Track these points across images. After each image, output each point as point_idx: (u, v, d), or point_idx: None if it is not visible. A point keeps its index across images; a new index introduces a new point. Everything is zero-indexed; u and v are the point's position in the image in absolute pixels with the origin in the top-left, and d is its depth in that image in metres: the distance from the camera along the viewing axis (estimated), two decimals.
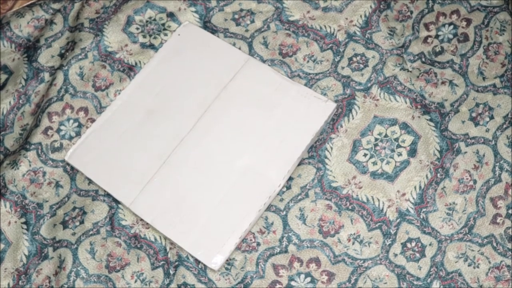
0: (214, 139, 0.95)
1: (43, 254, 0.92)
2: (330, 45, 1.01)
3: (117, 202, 0.94)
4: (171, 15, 1.06)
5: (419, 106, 0.95)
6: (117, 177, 0.94)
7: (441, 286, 0.86)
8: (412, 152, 0.92)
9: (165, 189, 0.92)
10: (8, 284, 0.91)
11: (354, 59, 1.00)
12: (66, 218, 0.94)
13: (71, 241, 0.92)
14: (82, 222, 0.93)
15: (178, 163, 0.94)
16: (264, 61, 1.01)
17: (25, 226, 0.94)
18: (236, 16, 1.05)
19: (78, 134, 0.99)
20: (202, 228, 0.89)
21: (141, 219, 0.92)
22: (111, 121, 0.98)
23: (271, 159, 0.92)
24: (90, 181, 0.96)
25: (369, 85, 0.97)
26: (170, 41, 1.03)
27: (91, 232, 0.92)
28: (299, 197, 0.92)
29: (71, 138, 0.99)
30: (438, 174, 0.91)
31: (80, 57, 1.03)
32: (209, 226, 0.89)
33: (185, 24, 1.04)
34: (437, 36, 1.00)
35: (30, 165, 0.96)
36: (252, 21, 1.04)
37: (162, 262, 0.90)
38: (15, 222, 0.94)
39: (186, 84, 1.00)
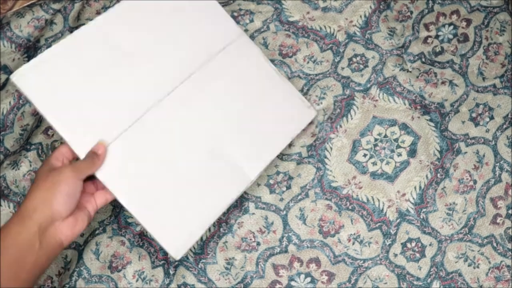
0: (193, 112, 0.85)
1: None
2: (330, 45, 1.01)
3: None
4: None
5: (418, 107, 0.95)
6: (72, 119, 0.78)
7: (441, 286, 0.86)
8: (412, 152, 0.92)
9: (131, 154, 0.81)
10: None
11: (354, 59, 1.00)
12: None
13: (79, 242, 0.92)
14: None
15: (149, 128, 0.82)
16: None
17: None
18: (235, 14, 1.05)
19: None
20: (168, 211, 0.81)
21: None
22: (74, 49, 0.80)
23: (249, 153, 0.87)
24: None
25: (368, 85, 0.97)
26: None
27: (97, 232, 0.92)
28: (299, 197, 0.92)
29: None
30: (438, 174, 0.91)
31: None
32: (176, 211, 0.82)
33: None
34: (437, 36, 1.00)
35: (30, 165, 0.96)
36: (252, 21, 1.04)
37: (162, 262, 0.90)
38: None
39: (171, 34, 0.87)
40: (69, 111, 0.78)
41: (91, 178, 0.80)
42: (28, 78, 0.77)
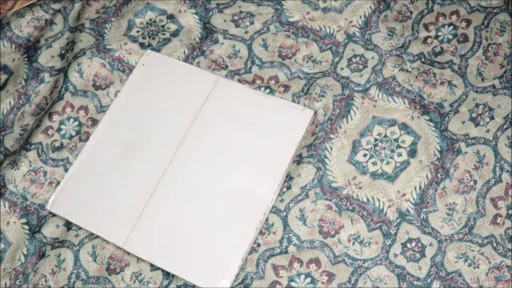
0: (198, 164, 0.93)
1: (41, 253, 0.92)
2: (330, 45, 1.01)
3: None
4: (171, 17, 1.06)
5: (418, 107, 0.95)
6: (105, 218, 0.91)
7: (441, 286, 0.86)
8: (412, 152, 0.92)
9: (157, 222, 0.90)
10: (5, 284, 0.91)
11: (353, 60, 1.00)
12: None
13: (73, 242, 0.92)
14: None
15: (165, 194, 0.91)
16: (263, 63, 1.01)
17: (26, 227, 0.94)
18: (236, 18, 1.05)
19: (79, 133, 0.99)
20: (202, 256, 0.87)
21: None
22: (89, 162, 0.95)
23: (259, 176, 0.91)
24: None
25: (367, 86, 0.97)
26: (135, 72, 1.01)
27: (94, 235, 0.92)
28: (299, 197, 0.92)
29: (71, 137, 0.99)
30: (439, 174, 0.91)
31: (78, 54, 1.03)
32: (209, 253, 0.88)
33: (148, 53, 1.02)
34: (436, 37, 1.00)
35: (30, 165, 0.96)
36: (252, 23, 1.04)
37: None
38: (14, 222, 0.94)
39: (159, 113, 0.97)
40: (100, 213, 0.91)
41: None
42: (60, 203, 0.93)
